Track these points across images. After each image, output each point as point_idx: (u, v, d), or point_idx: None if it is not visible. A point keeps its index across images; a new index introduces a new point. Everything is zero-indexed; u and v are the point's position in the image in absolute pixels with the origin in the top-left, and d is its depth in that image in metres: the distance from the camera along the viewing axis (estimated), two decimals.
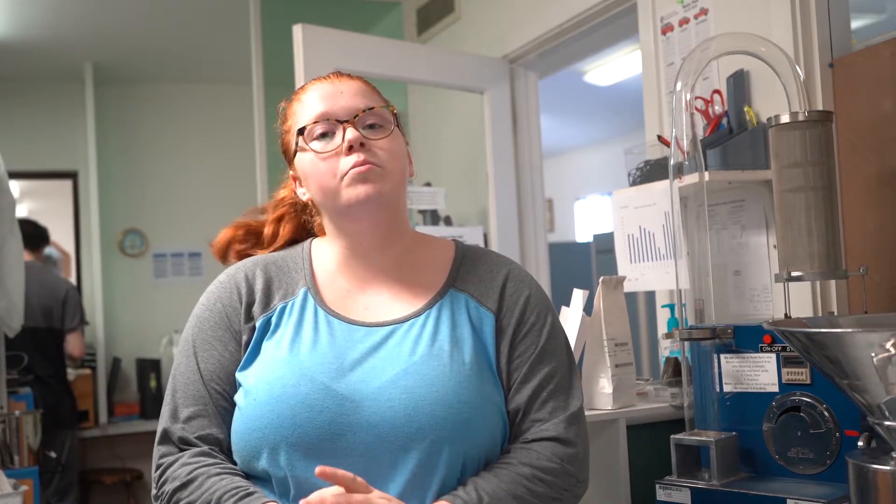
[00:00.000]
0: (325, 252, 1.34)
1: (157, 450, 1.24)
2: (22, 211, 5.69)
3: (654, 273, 2.10)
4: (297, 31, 2.85)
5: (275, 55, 3.85)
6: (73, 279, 5.94)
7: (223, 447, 1.24)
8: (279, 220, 1.45)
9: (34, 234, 4.60)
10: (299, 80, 2.81)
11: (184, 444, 1.23)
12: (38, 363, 4.30)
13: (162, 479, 1.21)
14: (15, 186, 4.05)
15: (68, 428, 4.57)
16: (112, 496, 5.33)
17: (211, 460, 1.21)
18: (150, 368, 5.57)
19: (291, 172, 1.35)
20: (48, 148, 5.87)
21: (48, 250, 5.24)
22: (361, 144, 1.23)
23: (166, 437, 1.24)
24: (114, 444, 5.43)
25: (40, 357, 4.35)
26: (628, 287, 2.06)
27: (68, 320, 4.62)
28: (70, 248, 6.06)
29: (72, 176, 6.03)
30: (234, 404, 1.24)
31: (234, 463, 1.23)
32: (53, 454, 3.85)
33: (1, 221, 2.84)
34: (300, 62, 2.83)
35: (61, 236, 6.01)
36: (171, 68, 5.88)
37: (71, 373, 5.10)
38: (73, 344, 4.70)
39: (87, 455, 5.49)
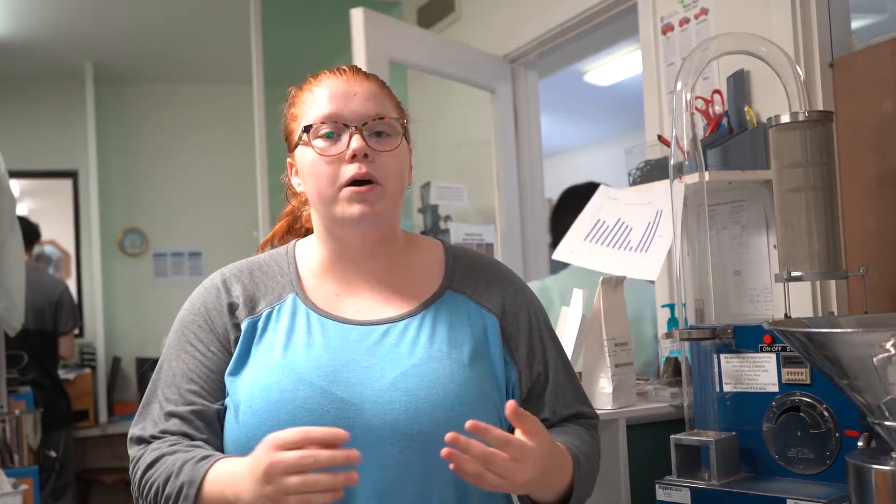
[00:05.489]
0: (312, 254, 1.31)
1: (131, 450, 1.21)
2: (22, 210, 5.69)
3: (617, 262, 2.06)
4: (358, 15, 2.73)
5: (275, 55, 3.84)
6: (73, 278, 5.95)
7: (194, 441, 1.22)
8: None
9: (26, 232, 4.57)
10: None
11: (155, 439, 1.20)
12: (29, 366, 4.25)
13: (135, 469, 1.19)
14: (15, 186, 4.04)
15: (63, 428, 4.55)
16: (112, 496, 5.34)
17: (179, 440, 1.19)
18: (151, 368, 5.56)
19: (290, 160, 1.32)
20: (48, 147, 5.87)
21: (46, 249, 5.23)
22: (365, 156, 1.21)
23: (140, 438, 1.22)
24: (114, 444, 5.42)
25: (32, 360, 4.29)
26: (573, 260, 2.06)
27: (62, 323, 4.56)
28: (70, 247, 6.06)
29: (72, 175, 6.04)
30: (212, 402, 1.22)
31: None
32: (54, 454, 3.84)
33: (1, 221, 2.84)
34: (360, 49, 2.71)
35: (61, 236, 6.02)
36: (171, 68, 5.89)
37: (70, 373, 5.09)
38: (64, 347, 4.67)
39: (87, 454, 5.49)
